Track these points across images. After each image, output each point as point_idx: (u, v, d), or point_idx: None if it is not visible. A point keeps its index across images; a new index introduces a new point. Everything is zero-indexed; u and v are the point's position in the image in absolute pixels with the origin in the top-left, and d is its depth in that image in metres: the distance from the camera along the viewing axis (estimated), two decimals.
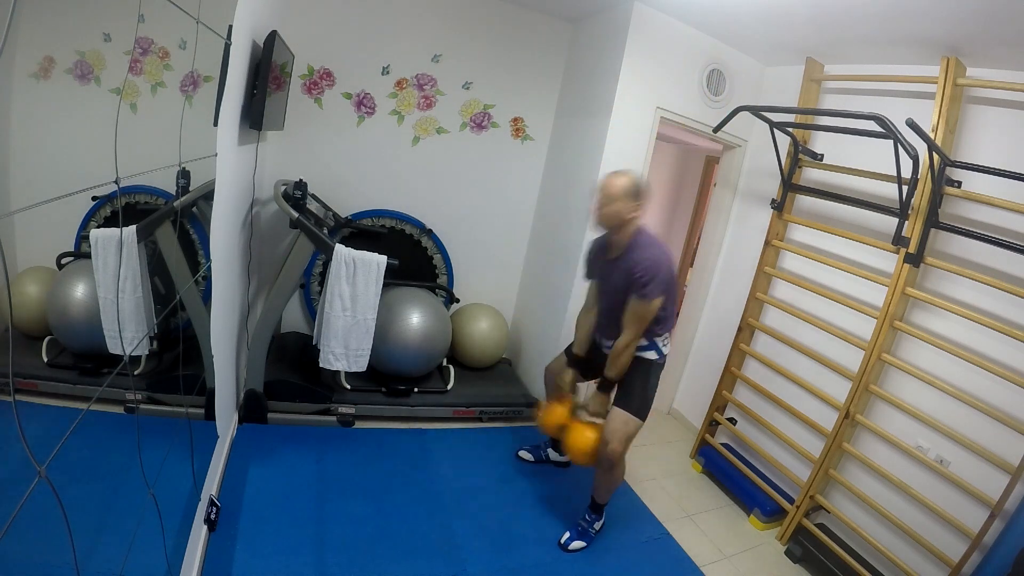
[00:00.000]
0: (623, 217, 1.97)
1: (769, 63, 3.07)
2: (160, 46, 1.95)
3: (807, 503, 2.50)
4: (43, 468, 0.68)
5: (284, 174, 2.79)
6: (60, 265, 1.86)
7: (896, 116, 1.93)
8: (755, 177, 3.17)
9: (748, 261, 3.05)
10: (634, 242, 2.01)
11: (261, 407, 2.54)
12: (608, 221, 2.00)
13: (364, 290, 2.39)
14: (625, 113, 2.75)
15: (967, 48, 2.08)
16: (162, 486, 1.36)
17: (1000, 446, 1.97)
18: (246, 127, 2.08)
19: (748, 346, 2.98)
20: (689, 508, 2.69)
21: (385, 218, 3.18)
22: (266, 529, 1.96)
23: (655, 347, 2.15)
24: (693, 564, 2.28)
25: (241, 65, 1.86)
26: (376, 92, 3.01)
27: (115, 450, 1.46)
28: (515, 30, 3.15)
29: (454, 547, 2.08)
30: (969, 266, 2.11)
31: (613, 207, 1.96)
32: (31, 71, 1.60)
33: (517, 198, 3.49)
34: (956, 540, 2.04)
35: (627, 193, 1.95)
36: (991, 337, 2.03)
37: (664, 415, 3.71)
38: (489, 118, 3.26)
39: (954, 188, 2.14)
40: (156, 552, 1.40)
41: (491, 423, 3.05)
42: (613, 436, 2.08)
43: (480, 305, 3.42)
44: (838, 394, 2.49)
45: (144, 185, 1.86)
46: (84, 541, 1.39)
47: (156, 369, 1.94)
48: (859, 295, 2.49)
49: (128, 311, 1.57)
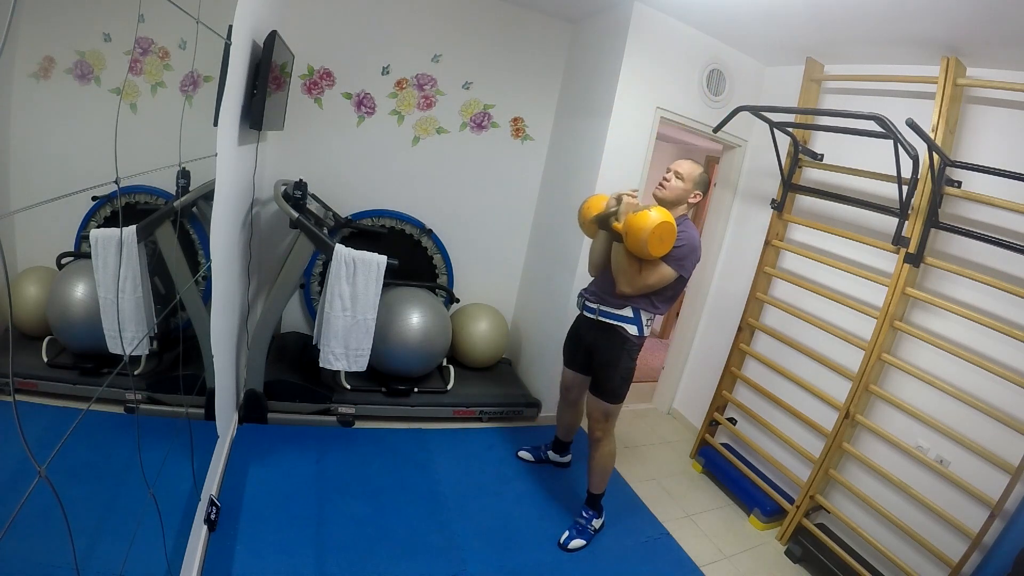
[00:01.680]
0: (685, 198, 2.08)
1: (769, 63, 3.07)
2: (160, 46, 1.95)
3: (807, 503, 2.50)
4: (43, 468, 0.68)
5: (284, 174, 2.79)
6: (60, 265, 1.85)
7: (896, 116, 1.93)
8: (755, 177, 3.17)
9: (748, 261, 3.05)
10: (680, 220, 2.05)
11: (261, 407, 2.54)
12: (672, 195, 2.08)
13: (364, 290, 2.39)
14: (625, 113, 2.75)
15: (967, 48, 2.08)
16: (162, 486, 1.36)
17: (1000, 446, 1.97)
18: (246, 127, 2.08)
19: (748, 346, 2.98)
20: (689, 508, 2.69)
21: (385, 218, 3.18)
22: (266, 529, 1.96)
23: (639, 322, 2.11)
24: (693, 564, 2.28)
25: (241, 65, 1.86)
26: (376, 92, 3.01)
27: (115, 450, 1.46)
28: (515, 30, 3.15)
29: (454, 547, 2.08)
30: (969, 266, 2.11)
31: (684, 185, 2.07)
32: (31, 71, 1.60)
33: (517, 198, 3.49)
34: (956, 540, 2.04)
35: (699, 180, 2.09)
36: (991, 337, 2.03)
37: (664, 415, 3.71)
38: (489, 118, 3.26)
39: (954, 188, 2.14)
40: (156, 552, 1.40)
41: (491, 423, 3.05)
42: (591, 420, 2.20)
43: (480, 305, 3.42)
44: (838, 394, 2.49)
45: (144, 185, 1.85)
46: (84, 541, 1.39)
47: (156, 369, 1.94)
48: (859, 295, 2.49)
49: (128, 311, 1.57)
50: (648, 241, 1.82)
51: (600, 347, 2.18)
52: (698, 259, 2.06)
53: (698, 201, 2.11)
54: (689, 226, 2.06)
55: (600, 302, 2.16)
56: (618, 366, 2.13)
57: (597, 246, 2.22)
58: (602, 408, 2.18)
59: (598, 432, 2.21)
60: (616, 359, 2.13)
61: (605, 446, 2.22)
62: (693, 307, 3.51)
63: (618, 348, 2.13)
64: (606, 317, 2.14)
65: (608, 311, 2.13)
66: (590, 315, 2.20)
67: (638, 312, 2.10)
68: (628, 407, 3.66)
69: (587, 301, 2.23)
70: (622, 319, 2.11)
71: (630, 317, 2.11)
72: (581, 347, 2.32)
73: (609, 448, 2.24)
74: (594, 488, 2.28)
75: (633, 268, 1.98)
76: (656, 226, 1.81)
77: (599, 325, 2.17)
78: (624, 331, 2.11)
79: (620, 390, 2.16)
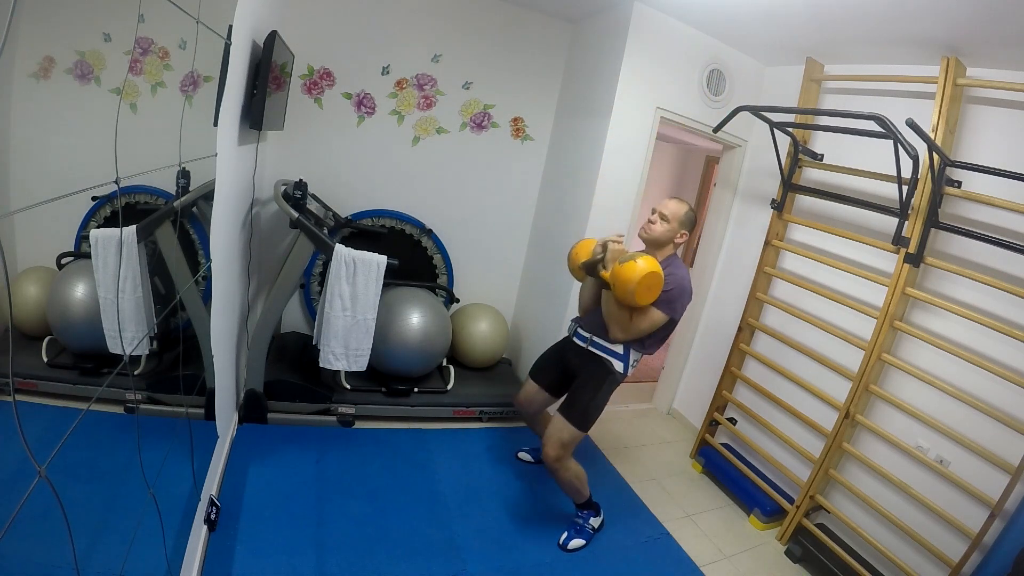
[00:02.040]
0: (671, 239, 2.07)
1: (769, 63, 3.07)
2: (160, 46, 1.95)
3: (807, 503, 2.50)
4: (43, 468, 0.68)
5: (284, 174, 2.79)
6: (60, 265, 1.86)
7: (896, 116, 1.92)
8: (755, 177, 3.17)
9: (748, 261, 3.05)
10: (668, 261, 2.06)
11: (261, 407, 2.54)
12: (658, 236, 2.07)
13: (364, 290, 2.39)
14: (625, 113, 2.75)
15: (967, 48, 2.08)
16: (162, 486, 1.36)
17: (1000, 446, 1.97)
18: (246, 127, 2.08)
19: (748, 346, 2.98)
20: (689, 508, 2.69)
21: (385, 218, 3.18)
22: (266, 529, 1.96)
23: (626, 359, 2.10)
24: (693, 564, 2.28)
25: (241, 65, 1.86)
26: (376, 92, 3.01)
27: (115, 450, 1.46)
28: (515, 30, 3.15)
29: (454, 547, 2.08)
30: (969, 266, 2.11)
31: (670, 226, 2.05)
32: (31, 71, 1.60)
33: (517, 198, 3.48)
34: (956, 540, 2.04)
35: (685, 220, 2.06)
36: (991, 337, 2.03)
37: (664, 415, 3.71)
38: (489, 118, 3.26)
39: (954, 188, 2.14)
40: (156, 552, 1.40)
41: (491, 423, 3.05)
42: (548, 440, 2.11)
43: (480, 305, 3.42)
44: (838, 394, 2.49)
45: (144, 185, 1.86)
46: (84, 541, 1.39)
47: (156, 369, 1.94)
48: (859, 295, 2.49)
49: (128, 311, 1.57)
50: (635, 292, 1.83)
51: (583, 372, 2.16)
52: (689, 299, 2.03)
53: (684, 241, 2.09)
54: (677, 266, 2.05)
55: (593, 333, 2.15)
56: (596, 394, 2.10)
57: (586, 291, 2.23)
58: (568, 432, 2.09)
59: (553, 453, 2.09)
60: (597, 387, 2.11)
61: (565, 471, 2.14)
62: (693, 307, 3.50)
63: (600, 378, 2.11)
64: (597, 349, 2.13)
65: (600, 343, 2.13)
66: (581, 343, 2.19)
67: (628, 350, 2.10)
68: (628, 407, 3.67)
69: (580, 329, 2.23)
70: (612, 353, 2.10)
71: (620, 353, 2.10)
72: (560, 367, 2.30)
73: (572, 471, 2.16)
74: (576, 501, 2.26)
75: (624, 315, 1.97)
76: (643, 277, 1.81)
77: (588, 354, 2.16)
78: (611, 365, 2.11)
79: (591, 418, 2.12)
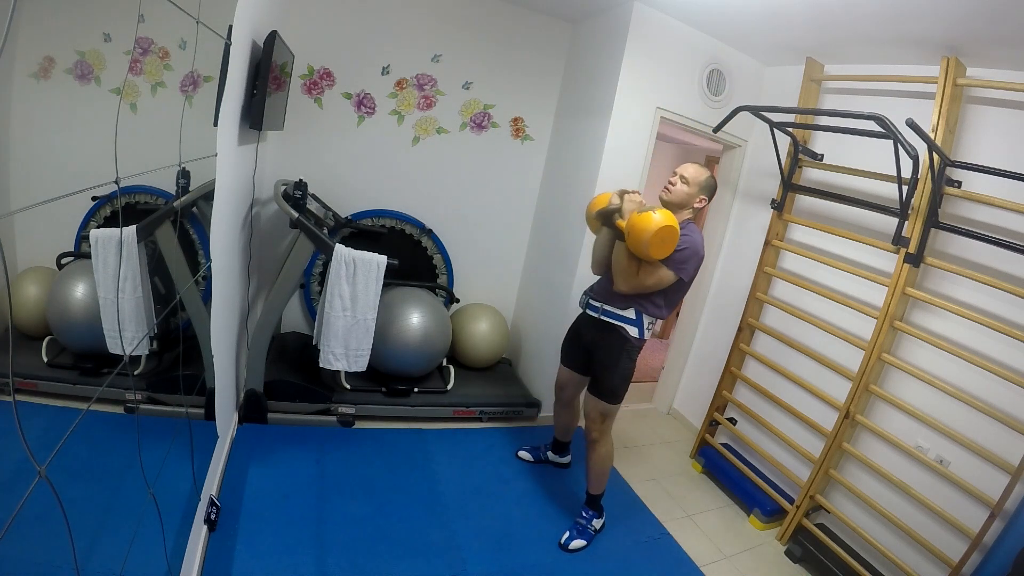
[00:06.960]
0: (690, 203, 2.07)
1: (769, 63, 3.07)
2: (160, 46, 1.95)
3: (807, 503, 2.50)
4: (43, 468, 0.68)
5: (284, 174, 2.79)
6: (60, 265, 1.85)
7: (896, 116, 1.93)
8: (755, 177, 3.17)
9: (748, 261, 3.05)
10: (684, 224, 2.05)
11: (261, 407, 2.54)
12: (676, 199, 2.07)
13: (364, 290, 2.39)
14: (625, 113, 2.75)
15: (967, 48, 2.08)
16: (162, 486, 1.36)
17: (1000, 446, 1.97)
18: (246, 127, 2.08)
19: (748, 346, 2.98)
20: (689, 508, 2.69)
21: (385, 218, 3.18)
22: (266, 529, 1.96)
23: (640, 324, 2.11)
24: (693, 564, 2.28)
25: (241, 65, 1.86)
26: (376, 92, 3.01)
27: (115, 450, 1.46)
28: (515, 30, 3.15)
29: (454, 547, 2.08)
30: (969, 266, 2.11)
31: (689, 189, 2.06)
32: (31, 71, 1.60)
33: (517, 198, 3.48)
34: (956, 540, 2.04)
35: (705, 184, 2.07)
36: (991, 337, 2.03)
37: (664, 415, 3.71)
38: (489, 118, 3.26)
39: (954, 188, 2.14)
40: (156, 552, 1.40)
41: (491, 423, 3.05)
42: (587, 419, 2.21)
43: (480, 305, 3.42)
44: (838, 394, 2.49)
45: (144, 185, 1.85)
46: (84, 541, 1.39)
47: (156, 369, 1.94)
48: (859, 295, 2.49)
49: (128, 311, 1.57)
50: (650, 243, 1.80)
51: (600, 346, 2.19)
52: (700, 262, 2.04)
53: (703, 206, 2.10)
54: (692, 230, 2.06)
55: (604, 301, 2.16)
56: (617, 366, 2.13)
57: (600, 243, 2.21)
58: (600, 408, 2.18)
59: (594, 433, 2.21)
60: (616, 359, 2.13)
61: (602, 447, 2.22)
62: (693, 307, 3.51)
63: (618, 348, 2.13)
64: (609, 317, 2.14)
65: (611, 311, 2.13)
66: (593, 314, 2.20)
67: (640, 314, 2.10)
68: (628, 407, 3.66)
69: (591, 300, 2.23)
70: (624, 320, 2.11)
71: (632, 319, 2.11)
72: (580, 346, 2.32)
73: (606, 449, 2.24)
74: (593, 489, 2.29)
75: (632, 268, 1.97)
76: (659, 229, 1.79)
77: (601, 324, 2.17)
78: (625, 332, 2.12)
79: (619, 390, 2.16)
